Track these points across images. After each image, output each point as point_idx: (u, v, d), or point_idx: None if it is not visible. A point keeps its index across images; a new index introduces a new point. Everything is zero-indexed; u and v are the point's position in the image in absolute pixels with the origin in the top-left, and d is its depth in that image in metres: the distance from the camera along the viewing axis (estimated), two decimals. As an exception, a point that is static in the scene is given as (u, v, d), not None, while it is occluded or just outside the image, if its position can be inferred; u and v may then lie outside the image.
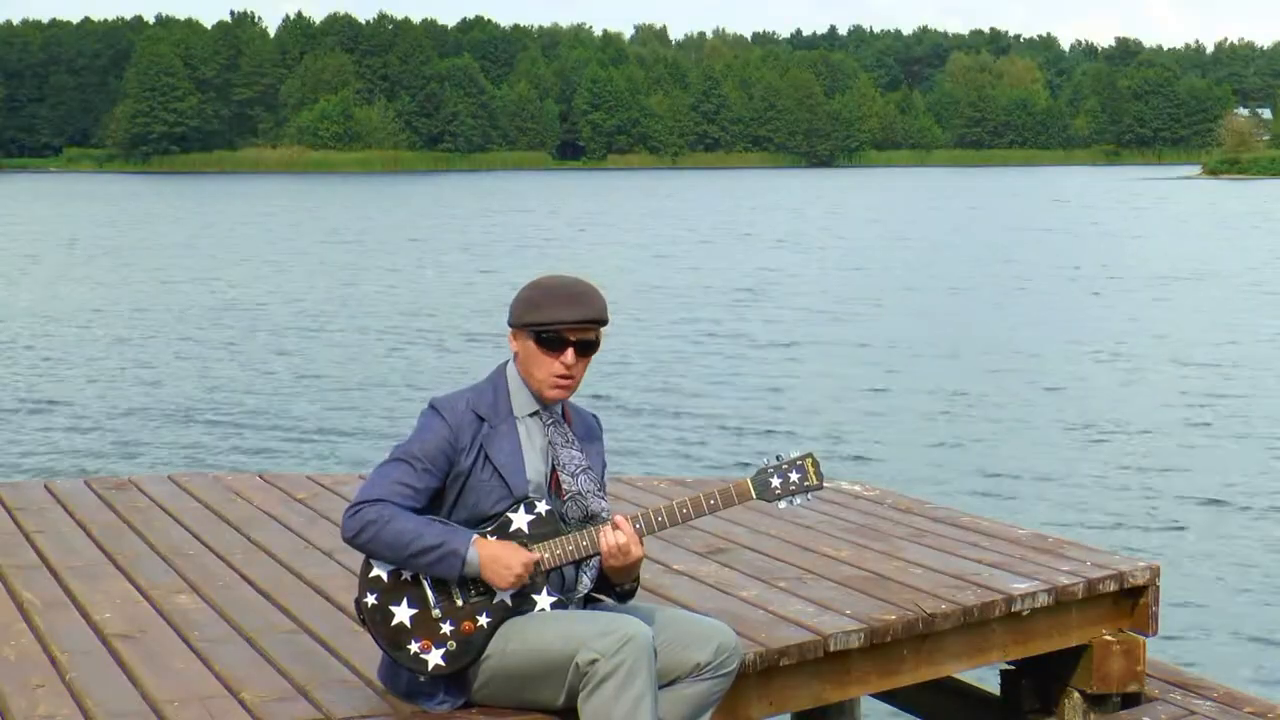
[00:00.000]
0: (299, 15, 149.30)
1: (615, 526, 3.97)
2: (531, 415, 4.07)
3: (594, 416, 4.28)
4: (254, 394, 19.12)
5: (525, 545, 3.95)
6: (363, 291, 31.86)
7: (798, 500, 4.09)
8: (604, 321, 4.02)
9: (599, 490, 4.11)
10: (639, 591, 4.55)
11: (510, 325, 4.05)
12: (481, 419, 4.01)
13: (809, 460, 4.10)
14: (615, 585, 4.11)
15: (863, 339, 24.31)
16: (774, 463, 4.10)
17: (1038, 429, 16.76)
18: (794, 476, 4.08)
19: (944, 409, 18.01)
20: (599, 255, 40.29)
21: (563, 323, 3.95)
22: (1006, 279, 34.15)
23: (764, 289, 32.21)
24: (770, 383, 20.03)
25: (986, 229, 52.38)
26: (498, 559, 3.88)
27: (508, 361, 4.13)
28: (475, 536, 3.91)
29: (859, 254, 41.53)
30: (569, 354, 3.98)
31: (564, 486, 4.05)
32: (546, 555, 3.96)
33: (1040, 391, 19.26)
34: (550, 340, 3.97)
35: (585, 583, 4.07)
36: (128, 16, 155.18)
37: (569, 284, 4.01)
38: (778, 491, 4.07)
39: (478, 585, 3.93)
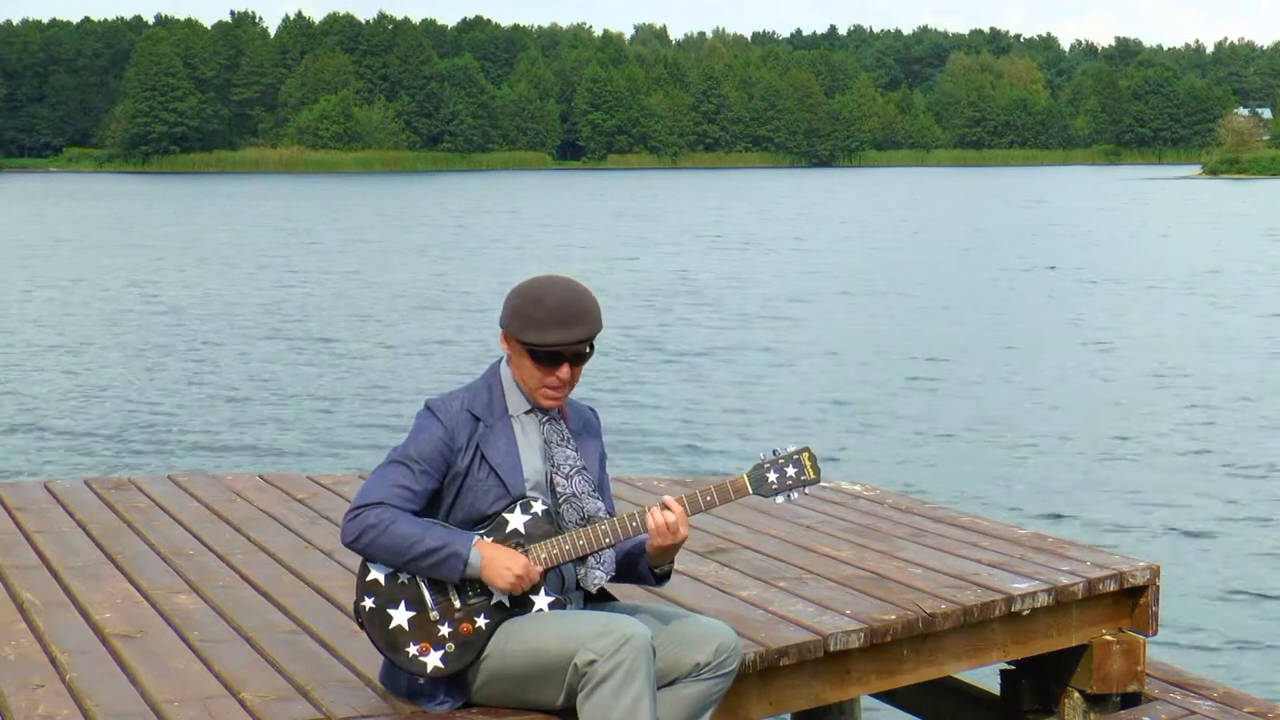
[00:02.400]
0: (299, 15, 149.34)
1: (665, 506, 3.97)
2: (527, 413, 4.07)
3: (591, 410, 4.26)
4: (254, 394, 19.12)
5: (523, 545, 3.95)
6: (356, 291, 31.87)
7: (795, 495, 4.08)
8: (599, 332, 4.02)
9: (594, 491, 4.09)
10: (638, 592, 4.56)
11: (502, 328, 4.03)
12: (477, 419, 4.00)
13: (805, 454, 4.09)
14: (654, 567, 4.10)
15: (859, 339, 24.31)
16: (770, 457, 4.10)
17: (1038, 429, 16.75)
18: (790, 471, 4.07)
19: (944, 409, 18.01)
20: (553, 257, 40.08)
21: (561, 344, 3.93)
22: (997, 279, 34.15)
23: (731, 288, 32.21)
24: (768, 384, 20.02)
25: (968, 228, 52.40)
26: (498, 560, 3.88)
27: (501, 360, 4.12)
28: (476, 539, 3.90)
29: (823, 255, 41.53)
30: (564, 369, 3.98)
31: (559, 489, 4.04)
32: (545, 555, 3.95)
33: (1040, 391, 19.26)
34: (546, 358, 3.96)
35: (599, 575, 4.04)
36: (128, 16, 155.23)
37: (567, 302, 3.94)
38: (774, 486, 4.07)
39: (475, 587, 3.92)
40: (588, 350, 4.00)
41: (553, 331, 3.91)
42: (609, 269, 36.70)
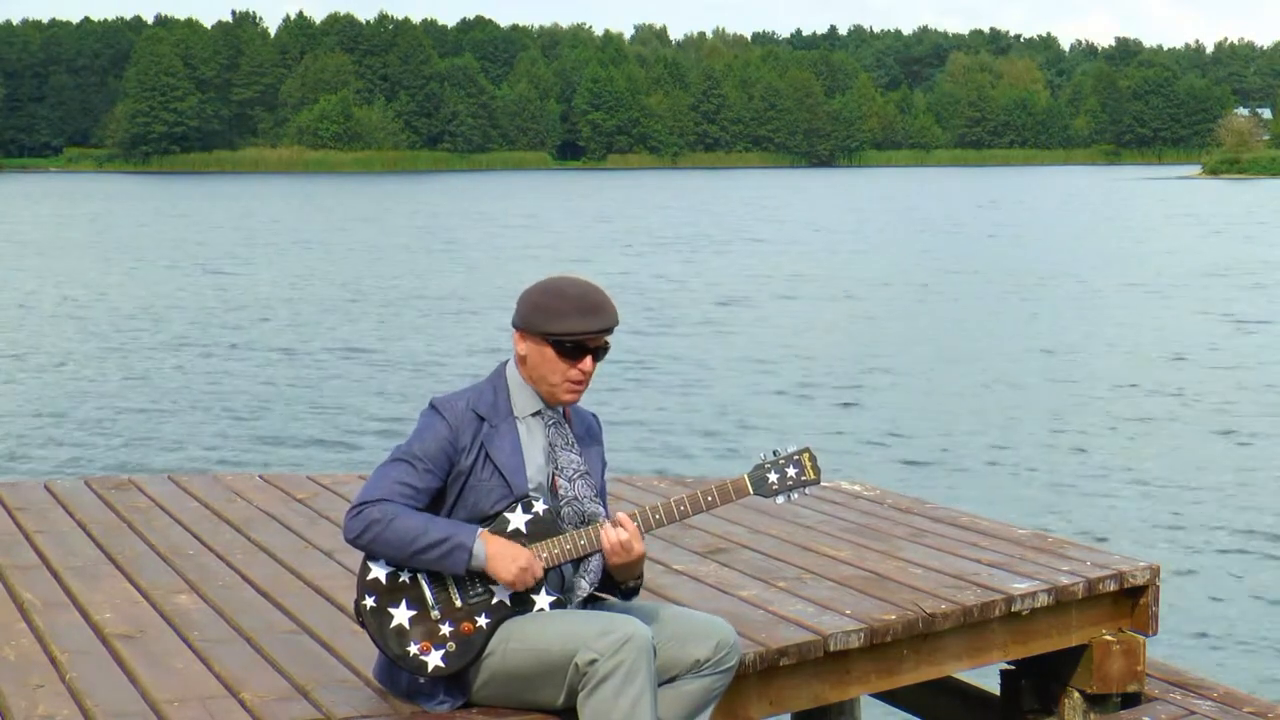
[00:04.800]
0: (299, 15, 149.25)
1: (617, 523, 3.97)
2: (533, 415, 4.07)
3: (594, 416, 4.27)
4: (254, 394, 19.12)
5: (524, 544, 3.95)
6: (350, 292, 31.89)
7: (795, 495, 4.09)
8: (616, 325, 4.04)
9: (595, 495, 4.10)
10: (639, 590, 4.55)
11: (518, 327, 4.03)
12: (482, 418, 4.01)
13: (805, 455, 4.10)
14: (619, 583, 4.10)
15: (857, 340, 24.32)
16: (771, 458, 4.10)
17: (1038, 429, 16.76)
18: (791, 471, 4.07)
19: (944, 409, 18.01)
20: (522, 259, 39.98)
21: (586, 333, 3.95)
22: (988, 281, 34.17)
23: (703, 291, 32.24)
24: (769, 383, 20.03)
25: (949, 229, 52.45)
26: (504, 553, 3.88)
27: (506, 361, 4.13)
28: (481, 531, 3.91)
29: (810, 255, 41.57)
30: (588, 361, 3.99)
31: (560, 492, 4.04)
32: (545, 555, 3.95)
33: (1040, 392, 19.27)
34: (571, 349, 3.97)
35: (584, 585, 4.05)
36: (128, 16, 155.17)
37: (586, 293, 4.00)
38: (775, 487, 4.07)
39: (476, 586, 3.93)
40: (605, 346, 4.03)
41: (577, 320, 3.94)
42: (579, 271, 36.59)
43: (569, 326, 3.94)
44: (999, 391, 19.31)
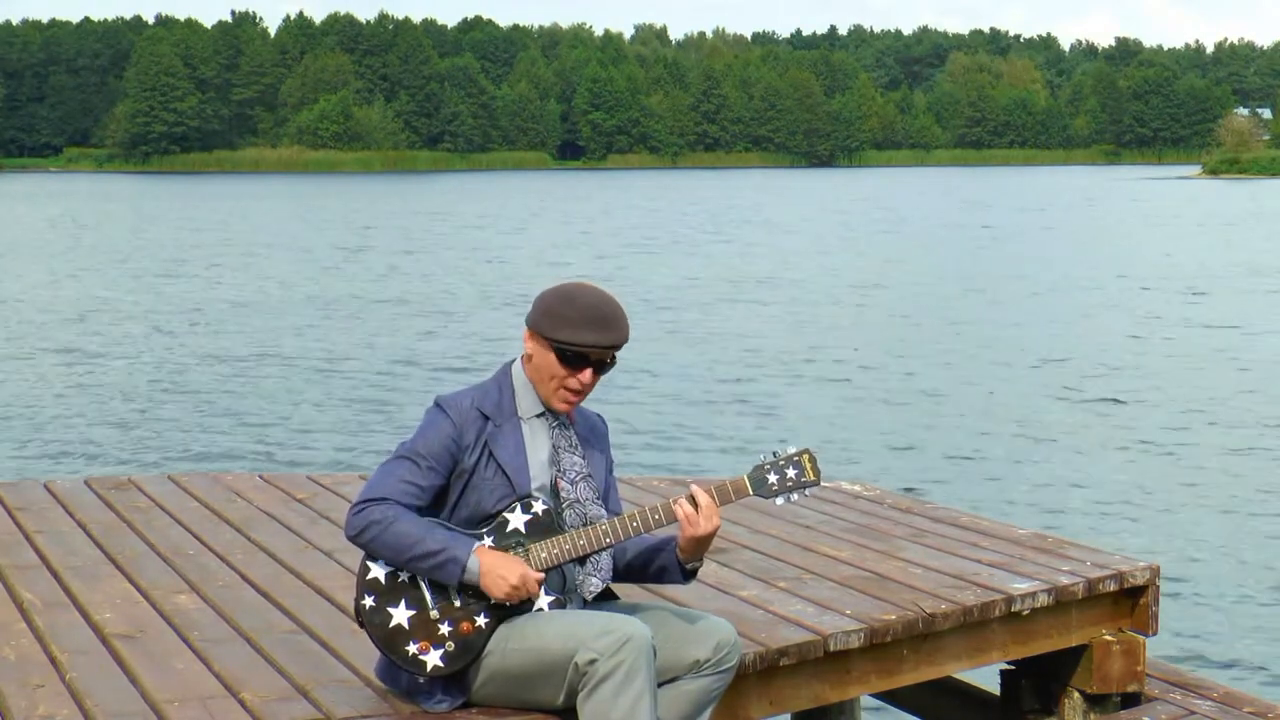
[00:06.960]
0: (299, 15, 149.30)
1: (692, 497, 3.97)
2: (537, 416, 4.07)
3: (599, 417, 4.27)
4: (254, 394, 19.12)
5: (522, 545, 3.95)
6: (348, 292, 31.90)
7: (795, 496, 4.08)
8: (626, 342, 4.02)
9: (597, 498, 4.09)
10: (638, 591, 4.55)
11: (529, 326, 4.03)
12: (486, 417, 4.01)
13: (805, 456, 4.09)
14: (686, 563, 4.08)
15: (859, 341, 24.32)
16: (770, 459, 4.09)
17: (1038, 429, 16.75)
18: (791, 472, 4.07)
19: (944, 410, 18.01)
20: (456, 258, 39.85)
21: (592, 346, 3.94)
22: (983, 282, 34.18)
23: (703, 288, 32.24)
24: (769, 383, 20.03)
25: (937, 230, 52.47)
26: (496, 568, 3.87)
27: (513, 361, 4.13)
28: (477, 545, 3.90)
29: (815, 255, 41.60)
30: (587, 373, 3.99)
31: (563, 494, 4.04)
32: (545, 554, 3.95)
33: (1040, 392, 19.27)
34: (573, 359, 3.97)
35: (595, 583, 4.05)
36: (128, 16, 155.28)
37: (600, 304, 3.97)
38: (775, 488, 4.06)
39: (475, 588, 3.92)
40: (610, 360, 4.01)
41: (585, 332, 3.93)
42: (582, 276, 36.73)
43: (574, 336, 3.93)
44: (999, 392, 19.30)
